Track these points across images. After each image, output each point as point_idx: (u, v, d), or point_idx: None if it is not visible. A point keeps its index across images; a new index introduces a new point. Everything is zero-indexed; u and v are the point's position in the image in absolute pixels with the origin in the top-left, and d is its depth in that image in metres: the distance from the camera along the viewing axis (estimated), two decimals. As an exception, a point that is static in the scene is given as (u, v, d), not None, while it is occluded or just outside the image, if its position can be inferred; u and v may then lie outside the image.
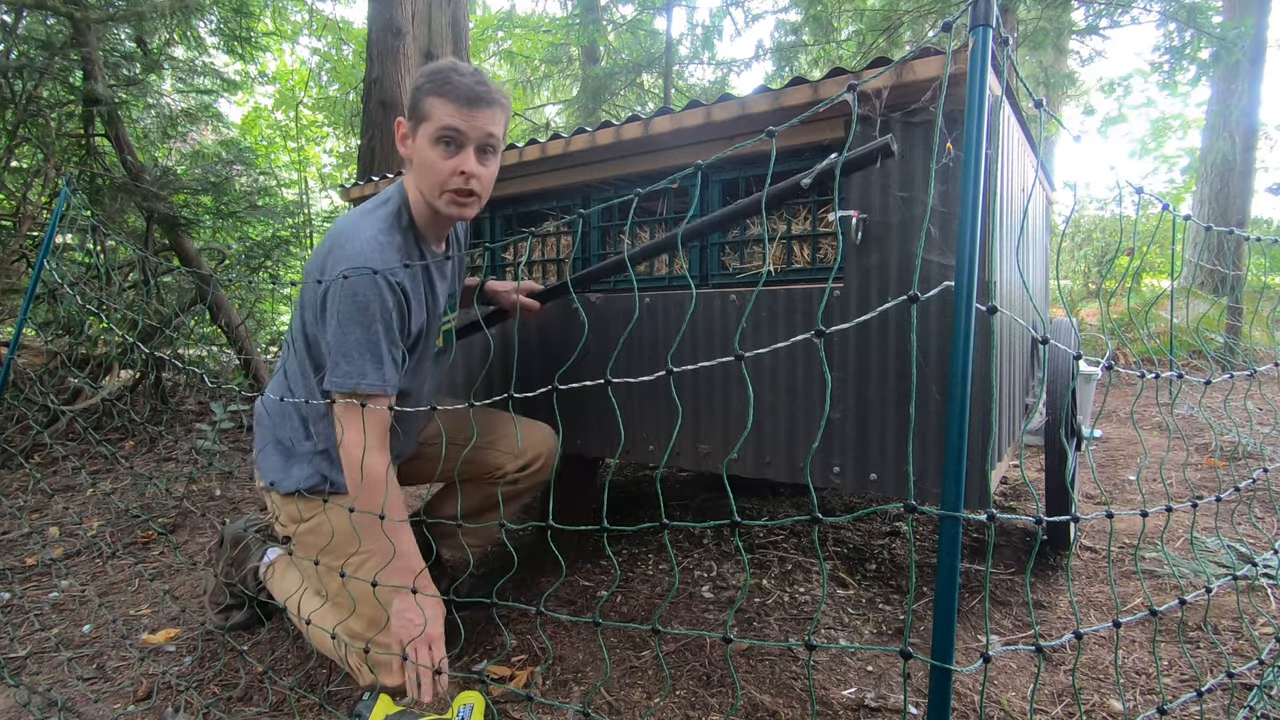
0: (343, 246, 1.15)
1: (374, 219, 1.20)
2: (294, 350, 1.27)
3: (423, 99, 1.16)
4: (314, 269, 1.20)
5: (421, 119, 1.17)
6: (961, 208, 0.60)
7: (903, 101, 1.14)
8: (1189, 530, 1.87)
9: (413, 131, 1.20)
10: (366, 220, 1.20)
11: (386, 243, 1.17)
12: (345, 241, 1.16)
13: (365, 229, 1.17)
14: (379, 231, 1.18)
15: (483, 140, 1.18)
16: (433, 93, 1.15)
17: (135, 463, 2.96)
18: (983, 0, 0.61)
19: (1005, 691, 1.20)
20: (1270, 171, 10.02)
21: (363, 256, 1.13)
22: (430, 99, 1.15)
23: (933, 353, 1.16)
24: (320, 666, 1.37)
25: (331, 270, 1.14)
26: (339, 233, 1.19)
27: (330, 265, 1.15)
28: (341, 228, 1.19)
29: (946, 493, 0.58)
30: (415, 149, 1.20)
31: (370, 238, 1.16)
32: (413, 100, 1.20)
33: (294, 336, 1.27)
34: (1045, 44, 5.09)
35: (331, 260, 1.15)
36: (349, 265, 1.12)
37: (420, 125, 1.17)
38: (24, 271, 3.52)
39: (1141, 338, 4.83)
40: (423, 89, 1.16)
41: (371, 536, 1.16)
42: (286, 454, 1.28)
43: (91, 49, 3.13)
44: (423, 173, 1.19)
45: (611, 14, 7.61)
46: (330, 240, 1.19)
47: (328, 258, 1.17)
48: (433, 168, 1.17)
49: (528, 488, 1.52)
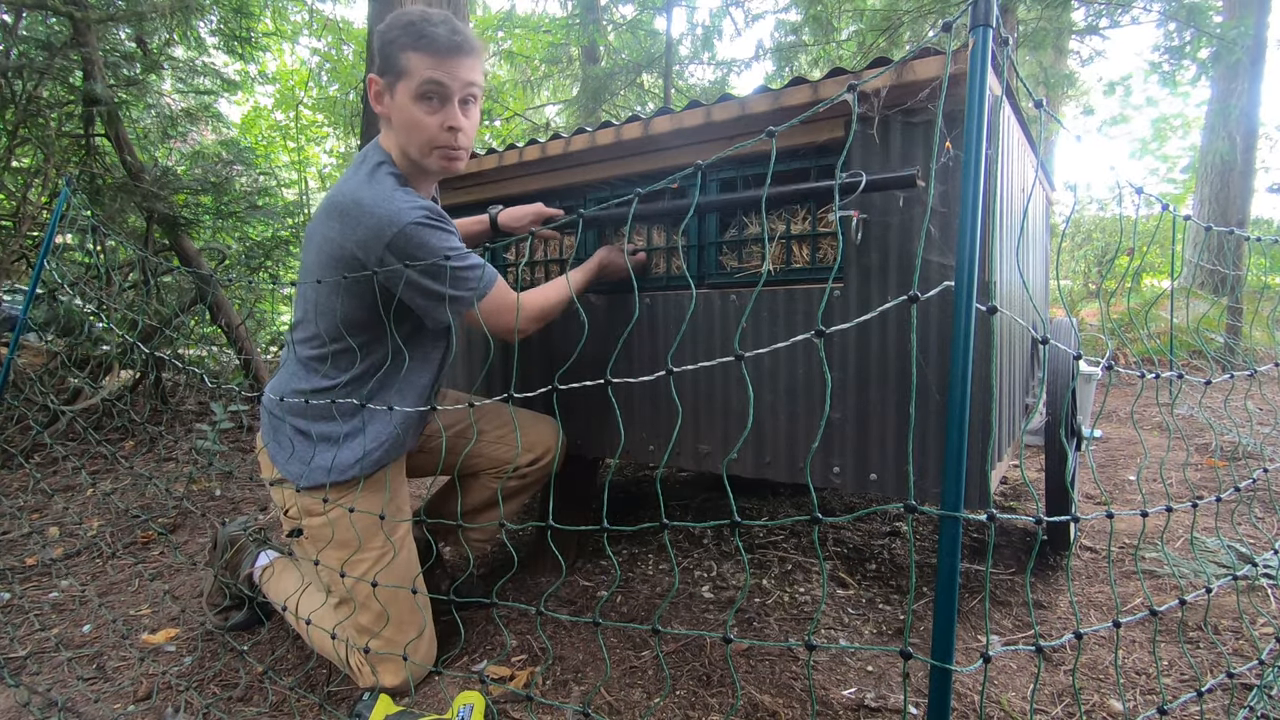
0: (367, 209, 1.12)
1: (384, 182, 1.17)
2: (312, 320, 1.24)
3: (398, 54, 1.13)
4: (351, 248, 1.14)
5: (399, 75, 1.14)
6: (961, 208, 0.60)
7: (902, 101, 1.14)
8: (1189, 530, 1.87)
9: (389, 89, 1.16)
10: (378, 181, 1.17)
11: (413, 200, 1.15)
12: (376, 207, 1.12)
13: (384, 187, 1.15)
14: (392, 185, 1.17)
15: (465, 91, 1.16)
16: (409, 47, 1.12)
17: (135, 463, 2.96)
18: (983, 0, 0.61)
19: (1005, 691, 1.20)
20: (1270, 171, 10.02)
21: (401, 213, 1.11)
22: (407, 54, 1.12)
23: (933, 353, 1.16)
24: (320, 666, 1.37)
25: (378, 237, 1.11)
26: (359, 202, 1.13)
27: (367, 234, 1.11)
28: (358, 196, 1.14)
29: (946, 493, 0.58)
30: (395, 107, 1.17)
31: (394, 195, 1.14)
32: (385, 54, 1.15)
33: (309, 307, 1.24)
34: (1045, 44, 5.09)
35: (365, 229, 1.12)
36: (393, 224, 1.10)
37: (399, 82, 1.14)
38: (24, 271, 3.52)
39: (1141, 338, 4.84)
40: (397, 43, 1.13)
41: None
42: (308, 445, 1.26)
43: (91, 49, 3.13)
44: (409, 131, 1.17)
45: (611, 14, 7.61)
46: (353, 219, 1.13)
47: (362, 232, 1.12)
48: (419, 125, 1.15)
49: (535, 481, 1.51)
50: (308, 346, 1.26)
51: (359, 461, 1.23)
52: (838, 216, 1.17)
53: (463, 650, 1.40)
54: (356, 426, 1.25)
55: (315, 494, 1.23)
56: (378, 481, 1.28)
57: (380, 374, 1.25)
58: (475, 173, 1.73)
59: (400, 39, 1.13)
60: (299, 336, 1.29)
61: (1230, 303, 4.81)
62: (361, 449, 1.23)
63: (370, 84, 1.20)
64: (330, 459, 1.22)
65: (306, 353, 1.26)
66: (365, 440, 1.23)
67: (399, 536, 1.28)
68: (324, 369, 1.25)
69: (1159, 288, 7.61)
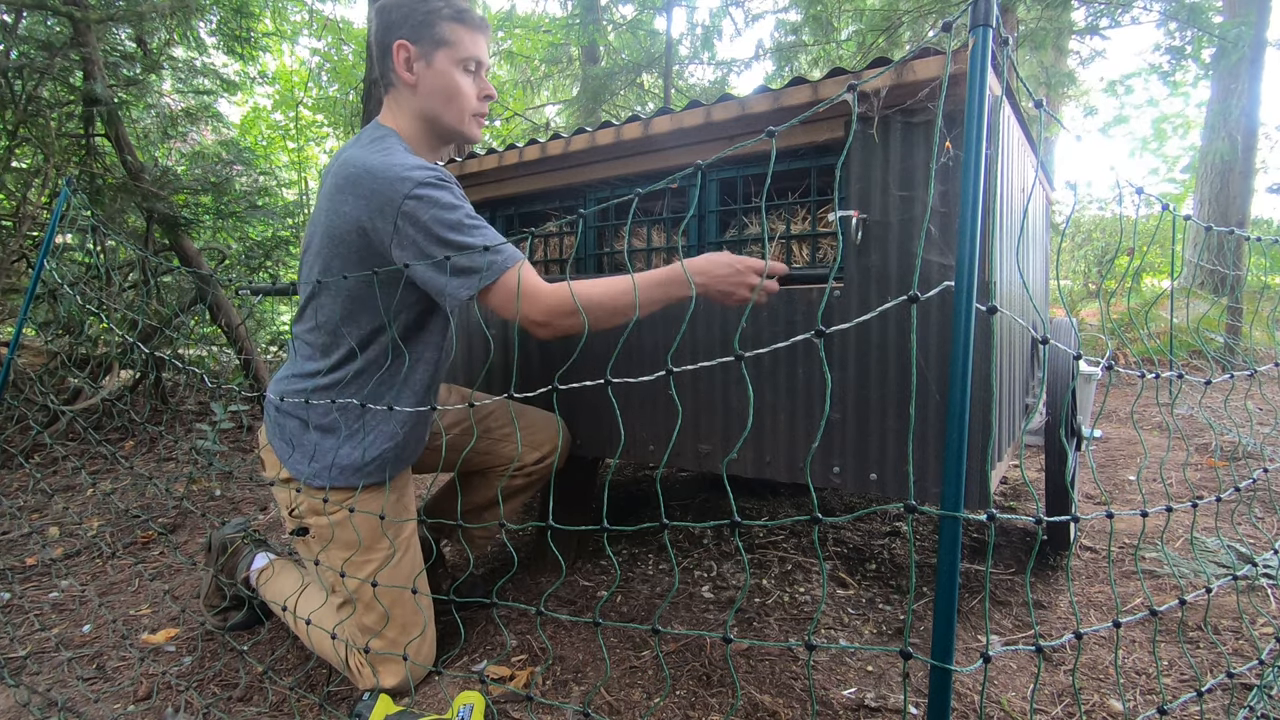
0: (376, 174, 1.09)
1: (393, 149, 1.15)
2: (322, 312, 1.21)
3: (440, 23, 1.16)
4: (363, 218, 1.11)
5: (440, 43, 1.16)
6: (961, 208, 0.60)
7: (902, 101, 1.14)
8: (1189, 530, 1.87)
9: (425, 56, 1.17)
10: (387, 149, 1.15)
11: (422, 163, 1.13)
12: (377, 170, 1.09)
13: (389, 155, 1.13)
14: (402, 151, 1.15)
15: (488, 65, 1.23)
16: (453, 19, 1.16)
17: (135, 463, 2.96)
18: (983, 0, 0.61)
19: (1005, 691, 1.20)
20: (1270, 171, 10.02)
21: (413, 174, 1.08)
22: (451, 24, 1.16)
23: (933, 353, 1.16)
24: (320, 666, 1.37)
25: (390, 202, 1.07)
26: (366, 170, 1.10)
27: (379, 200, 1.08)
28: (370, 163, 1.11)
29: (946, 493, 0.58)
30: (433, 73, 1.18)
31: (404, 158, 1.12)
32: (422, 22, 1.16)
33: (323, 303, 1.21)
34: (1045, 44, 5.09)
35: (375, 195, 1.08)
36: (404, 185, 1.07)
37: (439, 50, 1.17)
38: (24, 271, 3.52)
39: (1141, 338, 4.83)
40: (440, 13, 1.16)
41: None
42: (312, 441, 1.24)
43: (91, 49, 3.13)
44: (449, 97, 1.19)
45: (611, 14, 7.61)
46: (363, 187, 1.10)
47: (374, 200, 1.08)
48: (462, 92, 1.19)
49: (541, 478, 1.52)
50: (307, 334, 1.25)
51: (361, 469, 1.22)
52: (838, 216, 1.17)
53: (463, 650, 1.40)
54: (356, 429, 1.24)
55: (322, 493, 1.23)
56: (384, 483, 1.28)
57: (381, 373, 1.23)
58: (476, 173, 1.73)
59: (443, 10, 1.16)
60: (300, 328, 1.28)
61: (1230, 303, 4.81)
62: (362, 453, 1.22)
63: (398, 50, 1.18)
64: (331, 458, 1.21)
65: (306, 340, 1.25)
66: (365, 445, 1.22)
67: (405, 537, 1.27)
68: (321, 357, 1.23)
69: (1159, 288, 7.61)
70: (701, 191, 1.42)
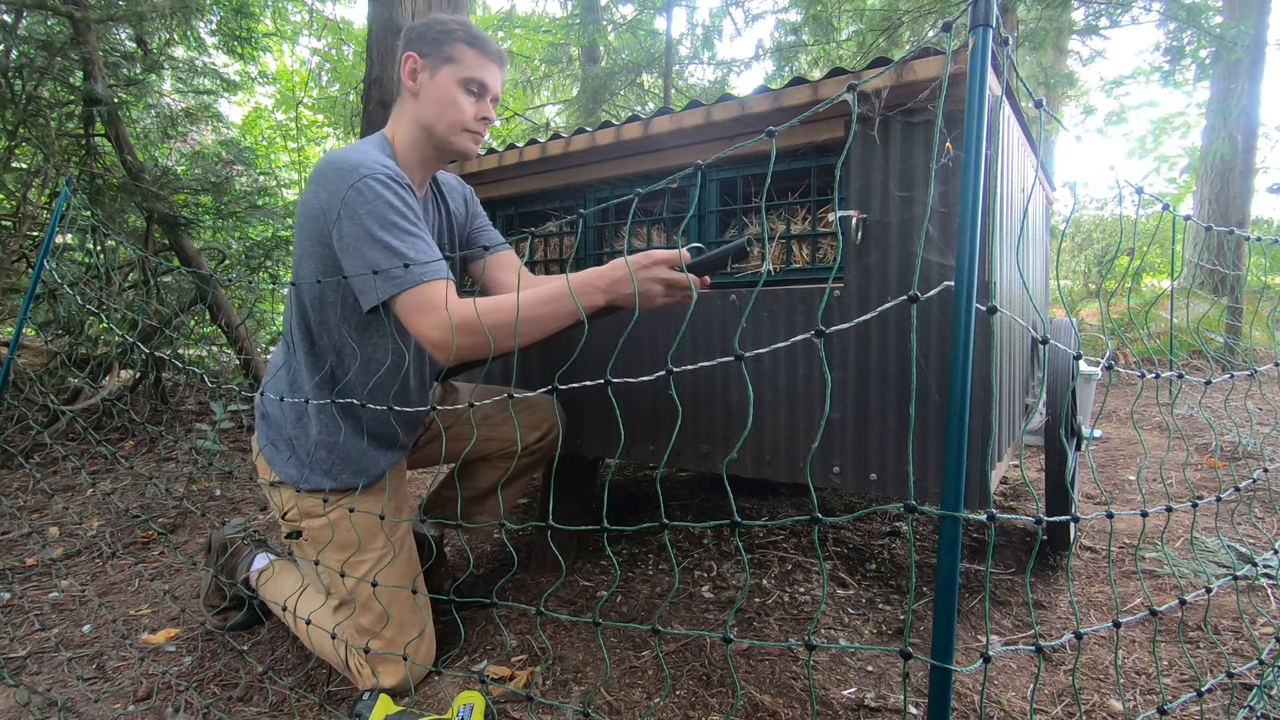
0: (336, 165, 1.13)
1: (365, 147, 1.20)
2: (296, 327, 1.25)
3: (453, 43, 1.21)
4: (320, 207, 1.15)
5: (447, 59, 1.21)
6: (961, 208, 0.60)
7: (903, 101, 1.14)
8: (1189, 530, 1.87)
9: (430, 68, 1.22)
10: (361, 148, 1.19)
11: (385, 162, 1.17)
12: (338, 161, 1.14)
13: (357, 151, 1.17)
14: (376, 150, 1.20)
15: (496, 96, 1.26)
16: (466, 41, 1.21)
17: (135, 463, 2.96)
18: (983, 0, 0.61)
19: (1005, 691, 1.20)
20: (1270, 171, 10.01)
21: (366, 166, 1.12)
22: (463, 45, 1.21)
23: (933, 353, 1.16)
24: (320, 666, 1.37)
25: (337, 191, 1.11)
26: (329, 161, 1.15)
27: (331, 188, 1.12)
28: (336, 156, 1.16)
29: (946, 493, 0.58)
30: (433, 84, 1.22)
31: (369, 155, 1.16)
32: (434, 39, 1.22)
33: (294, 310, 1.25)
34: (1045, 44, 5.09)
35: (330, 183, 1.12)
36: (352, 175, 1.11)
37: (445, 65, 1.21)
38: (24, 271, 3.52)
39: (1141, 338, 4.84)
40: (454, 34, 1.21)
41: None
42: (296, 446, 1.27)
43: (91, 49, 3.13)
44: (442, 108, 1.22)
45: (611, 14, 7.61)
46: (324, 178, 1.15)
47: (329, 187, 1.13)
48: (456, 105, 1.22)
49: (543, 457, 1.57)
50: (289, 332, 1.28)
51: (330, 472, 1.25)
52: (838, 216, 1.17)
53: (463, 650, 1.40)
54: (333, 433, 1.25)
55: (315, 496, 1.23)
56: (378, 483, 1.29)
57: (324, 371, 1.25)
58: (476, 173, 1.73)
59: (458, 31, 1.21)
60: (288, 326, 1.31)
61: (1230, 303, 4.81)
62: (341, 457, 1.24)
63: (406, 60, 1.24)
64: (321, 462, 1.23)
65: (288, 338, 1.29)
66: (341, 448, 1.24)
67: (399, 536, 1.28)
68: (287, 354, 1.27)
69: (1159, 288, 7.61)
70: (701, 191, 1.42)
